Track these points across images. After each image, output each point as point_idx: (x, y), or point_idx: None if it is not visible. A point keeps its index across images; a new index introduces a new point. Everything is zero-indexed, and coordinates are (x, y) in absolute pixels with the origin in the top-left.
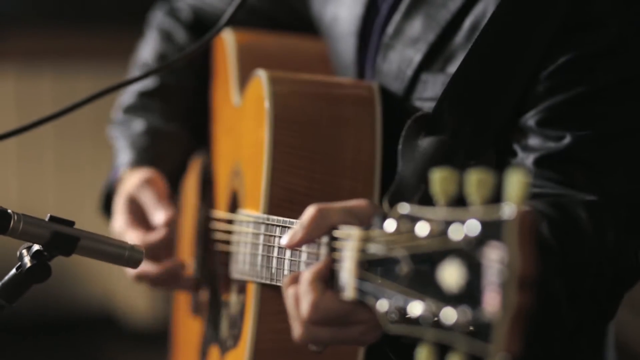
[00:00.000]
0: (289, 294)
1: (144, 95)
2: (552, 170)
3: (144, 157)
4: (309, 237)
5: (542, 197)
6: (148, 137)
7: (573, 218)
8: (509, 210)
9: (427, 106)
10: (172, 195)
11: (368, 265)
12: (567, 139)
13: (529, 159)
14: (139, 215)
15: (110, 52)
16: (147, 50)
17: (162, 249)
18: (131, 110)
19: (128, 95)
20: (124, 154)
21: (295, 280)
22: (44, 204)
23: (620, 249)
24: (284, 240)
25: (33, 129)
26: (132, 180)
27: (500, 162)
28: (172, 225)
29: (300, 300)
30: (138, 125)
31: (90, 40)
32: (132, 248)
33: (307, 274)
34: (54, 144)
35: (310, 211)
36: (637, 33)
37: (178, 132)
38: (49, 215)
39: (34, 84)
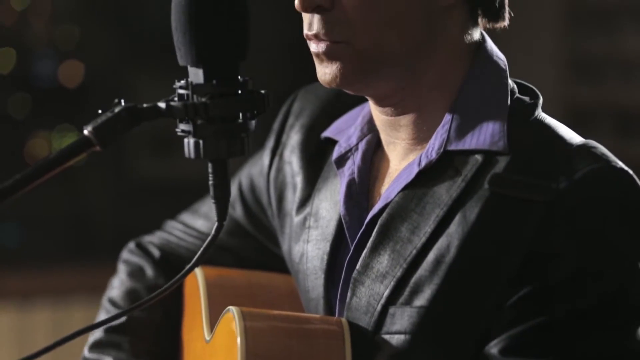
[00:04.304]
0: None
1: (110, 331)
2: None
3: None
4: None
5: None
6: None
7: None
8: None
9: (395, 340)
10: None
11: None
12: None
13: None
14: None
15: (102, 286)
16: (117, 286)
17: None
18: (99, 346)
19: (95, 332)
20: None
21: None
22: None
23: None
24: None
25: None
26: None
27: None
28: None
29: None
30: None
31: (84, 275)
32: None
33: None
34: None
35: None
36: (594, 265)
37: None
38: None
39: (33, 318)
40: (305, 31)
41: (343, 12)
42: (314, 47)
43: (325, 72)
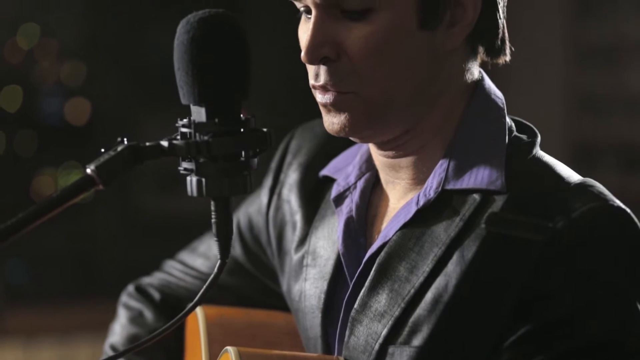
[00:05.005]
0: None
1: None
2: None
3: None
4: None
5: None
6: None
7: None
8: None
9: None
10: None
11: None
12: None
13: None
14: None
15: (107, 324)
16: (119, 332)
17: None
18: None
19: None
20: None
21: None
22: None
23: None
24: None
25: None
26: None
27: None
28: None
29: None
30: None
31: (90, 313)
32: None
33: None
34: None
35: None
36: (591, 304)
37: None
38: None
39: (38, 356)
40: (312, 82)
41: (350, 62)
42: (321, 97)
43: (334, 122)
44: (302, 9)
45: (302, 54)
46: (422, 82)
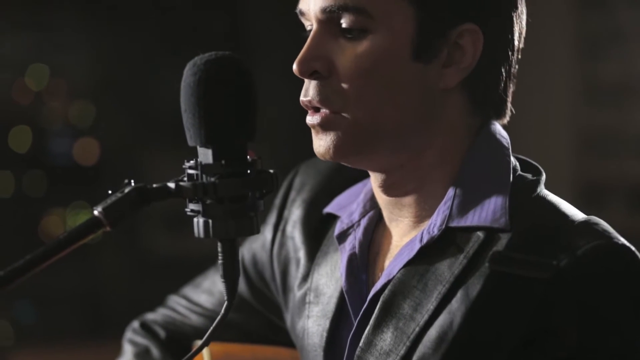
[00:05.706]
0: None
1: None
2: None
3: None
4: None
5: None
6: None
7: None
8: None
9: None
10: None
11: None
12: None
13: None
14: None
15: None
16: None
17: None
18: None
19: None
20: None
21: None
22: None
23: None
24: None
25: None
26: None
27: None
28: None
29: None
30: None
31: (99, 353)
32: None
33: None
34: None
35: None
36: (595, 342)
37: None
38: None
39: None
40: (301, 97)
41: (339, 81)
42: (309, 119)
43: (320, 144)
44: (308, 27)
45: (294, 65)
46: (411, 114)
